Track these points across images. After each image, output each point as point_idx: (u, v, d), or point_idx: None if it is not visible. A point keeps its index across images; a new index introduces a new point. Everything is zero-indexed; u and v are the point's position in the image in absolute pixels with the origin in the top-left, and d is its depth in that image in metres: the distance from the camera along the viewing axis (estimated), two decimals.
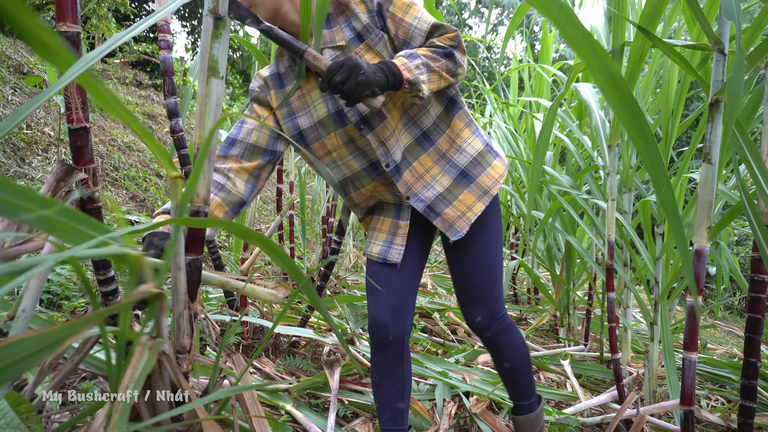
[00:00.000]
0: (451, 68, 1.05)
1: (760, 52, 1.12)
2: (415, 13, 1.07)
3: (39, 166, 2.86)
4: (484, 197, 1.16)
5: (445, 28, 1.07)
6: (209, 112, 0.83)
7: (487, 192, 1.16)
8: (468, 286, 1.21)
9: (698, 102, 6.85)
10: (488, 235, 1.19)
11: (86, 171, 0.96)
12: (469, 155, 1.16)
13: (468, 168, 1.16)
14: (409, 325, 1.22)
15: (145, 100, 5.75)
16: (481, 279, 1.20)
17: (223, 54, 0.83)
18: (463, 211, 1.15)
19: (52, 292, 1.92)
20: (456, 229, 1.16)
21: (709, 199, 1.15)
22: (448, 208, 1.16)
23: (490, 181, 1.17)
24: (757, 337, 1.24)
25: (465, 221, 1.15)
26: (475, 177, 1.16)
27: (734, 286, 5.24)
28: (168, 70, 1.60)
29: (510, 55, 9.92)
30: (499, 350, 1.26)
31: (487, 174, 1.17)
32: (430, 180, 1.17)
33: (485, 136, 1.23)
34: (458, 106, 1.19)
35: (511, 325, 1.26)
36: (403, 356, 1.22)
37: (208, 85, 0.82)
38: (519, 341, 1.26)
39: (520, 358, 1.27)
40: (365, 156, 1.17)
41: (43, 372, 1.08)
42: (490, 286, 1.20)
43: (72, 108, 0.91)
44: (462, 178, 1.16)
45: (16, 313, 0.81)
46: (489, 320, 1.22)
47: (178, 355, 1.00)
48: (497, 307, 1.22)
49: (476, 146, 1.18)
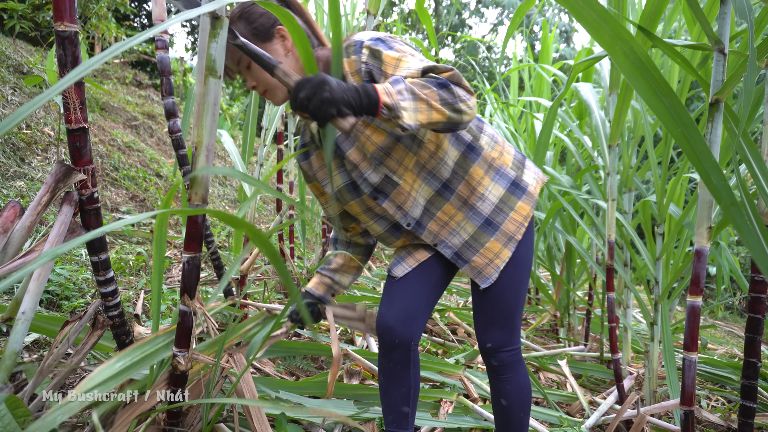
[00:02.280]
0: (447, 100, 0.93)
1: (760, 52, 1.11)
2: (405, 65, 0.99)
3: (39, 166, 2.86)
4: (510, 243, 1.15)
5: (438, 68, 0.96)
6: (207, 111, 0.83)
7: (512, 238, 1.15)
8: (485, 313, 1.21)
9: (698, 102, 6.86)
10: (515, 271, 1.17)
11: (85, 172, 0.96)
12: (491, 203, 1.15)
13: (491, 216, 1.15)
14: (416, 333, 1.22)
15: (144, 100, 5.75)
16: (500, 309, 1.19)
17: (221, 53, 0.83)
18: (491, 258, 1.16)
19: (52, 292, 1.92)
20: (485, 276, 1.16)
21: (710, 199, 1.15)
22: (476, 255, 1.16)
23: (513, 227, 1.15)
24: (758, 338, 1.23)
25: (494, 268, 1.16)
26: (500, 224, 1.15)
27: (734, 286, 5.24)
28: (165, 70, 1.60)
29: (510, 55, 9.92)
30: (501, 383, 1.22)
31: (510, 219, 1.15)
32: (455, 226, 1.18)
33: (511, 170, 1.17)
34: (477, 152, 1.15)
35: (521, 364, 1.23)
36: (409, 361, 1.23)
37: (206, 84, 0.82)
38: (524, 383, 1.22)
39: (520, 400, 1.22)
40: (386, 219, 1.22)
41: (43, 372, 1.08)
42: (510, 318, 1.19)
43: (70, 108, 0.91)
44: (486, 226, 1.15)
45: (15, 315, 0.81)
46: (499, 348, 1.20)
47: (177, 352, 0.99)
48: (512, 339, 1.20)
49: (498, 192, 1.15)
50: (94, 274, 1.13)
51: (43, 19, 4.67)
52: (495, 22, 16.75)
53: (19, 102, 3.26)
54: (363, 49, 1.05)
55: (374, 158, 1.12)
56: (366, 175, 1.14)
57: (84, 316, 1.14)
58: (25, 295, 0.86)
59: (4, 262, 0.85)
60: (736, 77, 1.07)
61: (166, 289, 2.37)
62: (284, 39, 1.10)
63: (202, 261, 1.55)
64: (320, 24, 2.77)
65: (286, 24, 0.86)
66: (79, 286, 2.06)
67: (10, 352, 0.77)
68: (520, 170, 1.19)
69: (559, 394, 1.99)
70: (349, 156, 1.15)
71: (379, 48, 1.03)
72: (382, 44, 1.04)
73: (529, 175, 1.20)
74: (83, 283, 2.10)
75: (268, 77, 1.08)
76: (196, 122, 0.84)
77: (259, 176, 2.13)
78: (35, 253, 0.90)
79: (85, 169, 0.96)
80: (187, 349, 1.00)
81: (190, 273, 0.96)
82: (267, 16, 1.08)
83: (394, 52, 1.02)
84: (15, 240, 0.86)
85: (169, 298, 2.26)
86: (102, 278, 1.13)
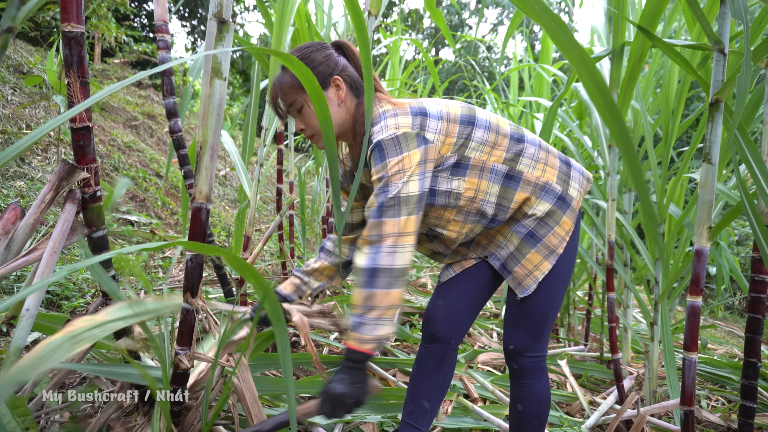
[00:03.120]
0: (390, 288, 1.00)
1: (760, 52, 1.12)
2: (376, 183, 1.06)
3: (39, 166, 2.86)
4: (550, 256, 1.16)
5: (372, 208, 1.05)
6: (212, 112, 0.83)
7: (553, 251, 1.16)
8: (516, 317, 1.22)
9: (698, 102, 6.86)
10: (553, 283, 1.18)
11: (88, 170, 0.96)
12: (536, 218, 1.16)
13: (535, 229, 1.16)
14: (458, 333, 1.27)
15: (144, 100, 5.75)
16: (532, 316, 1.20)
17: (226, 56, 0.84)
18: (531, 270, 1.17)
19: (52, 292, 1.92)
20: (524, 287, 1.17)
21: (710, 199, 1.15)
22: (517, 266, 1.18)
23: (556, 240, 1.16)
24: (758, 338, 1.24)
25: (532, 279, 1.17)
26: (542, 237, 1.16)
27: (734, 286, 5.24)
28: (167, 70, 1.60)
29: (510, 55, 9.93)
30: (519, 388, 1.23)
31: (554, 233, 1.16)
32: (502, 240, 1.21)
33: (557, 185, 1.16)
34: (517, 180, 1.15)
35: (543, 372, 1.23)
36: (445, 358, 1.28)
37: (212, 85, 0.82)
38: (543, 392, 1.23)
39: (537, 408, 1.22)
40: (434, 241, 1.26)
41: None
42: (539, 326, 1.20)
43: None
44: (529, 238, 1.16)
45: (19, 313, 0.81)
46: (522, 352, 1.21)
47: (179, 350, 1.00)
48: (536, 346, 1.21)
49: (544, 208, 1.15)
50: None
51: (43, 19, 4.67)
52: (495, 22, 16.76)
53: (18, 102, 3.26)
54: (375, 147, 1.07)
55: None
56: None
57: (85, 314, 1.14)
58: (29, 294, 0.86)
59: (8, 261, 0.86)
60: (736, 77, 1.08)
61: (167, 289, 2.37)
62: (339, 89, 1.14)
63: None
64: (320, 24, 2.77)
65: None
66: (79, 286, 2.06)
67: (14, 348, 0.78)
68: (565, 183, 1.18)
69: (559, 394, 1.99)
70: None
71: (372, 160, 1.07)
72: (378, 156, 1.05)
73: (574, 187, 1.20)
74: (83, 283, 2.10)
75: (317, 123, 1.12)
76: (201, 122, 0.84)
77: (259, 176, 2.13)
78: (37, 252, 0.90)
79: (89, 168, 0.97)
80: (189, 347, 1.00)
81: (193, 271, 0.97)
82: (326, 64, 1.12)
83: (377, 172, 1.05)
84: (18, 238, 0.87)
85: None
86: None
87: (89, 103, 0.60)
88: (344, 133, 1.19)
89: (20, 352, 0.79)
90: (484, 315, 3.20)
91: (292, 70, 0.90)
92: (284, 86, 1.12)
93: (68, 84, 0.88)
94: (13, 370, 0.56)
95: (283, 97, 1.13)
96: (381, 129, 1.06)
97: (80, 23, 0.87)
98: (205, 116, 0.83)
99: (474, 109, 1.16)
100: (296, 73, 0.90)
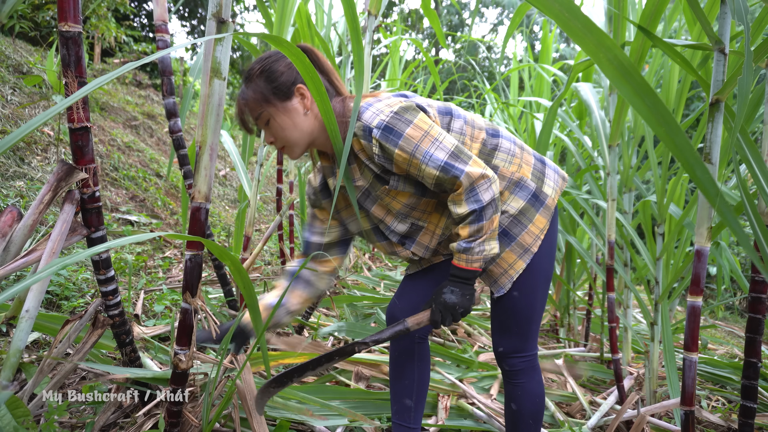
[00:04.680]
0: (495, 213, 1.05)
1: (760, 52, 1.12)
2: (415, 171, 1.06)
3: (38, 166, 2.86)
4: (525, 255, 1.15)
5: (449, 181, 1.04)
6: (212, 112, 0.83)
7: (527, 250, 1.15)
8: (499, 319, 1.22)
9: (699, 102, 6.86)
10: (531, 281, 1.18)
11: (87, 170, 0.96)
12: (509, 215, 1.15)
13: (509, 227, 1.15)
14: (422, 328, 1.26)
15: (144, 100, 5.74)
16: (514, 317, 1.19)
17: (226, 56, 0.84)
18: (505, 269, 1.16)
19: (52, 292, 1.92)
20: (500, 286, 1.17)
21: None
22: (492, 265, 1.17)
23: (530, 239, 1.15)
24: (758, 338, 1.23)
25: (507, 278, 1.16)
26: (516, 236, 1.15)
27: (735, 287, 5.24)
28: (166, 70, 1.60)
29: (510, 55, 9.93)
30: (512, 388, 1.23)
31: (528, 231, 1.15)
32: None
33: (531, 182, 1.17)
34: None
35: (535, 371, 1.23)
36: (413, 354, 1.29)
37: (211, 85, 0.82)
38: (536, 390, 1.23)
39: (531, 407, 1.22)
40: (410, 259, 1.29)
41: (43, 372, 1.08)
42: (524, 326, 1.19)
43: (73, 107, 0.91)
44: (503, 236, 1.15)
45: (19, 314, 0.81)
46: (511, 354, 1.21)
47: (178, 350, 1.00)
48: (526, 345, 1.21)
49: (518, 205, 1.15)
50: (94, 272, 1.13)
51: (43, 19, 4.67)
52: (495, 22, 16.76)
53: (18, 102, 3.26)
54: (373, 140, 1.05)
55: (400, 214, 1.17)
56: (393, 227, 1.20)
57: (84, 314, 1.14)
58: (29, 293, 0.86)
59: (7, 262, 0.86)
60: (736, 77, 1.08)
61: (166, 289, 2.37)
62: (303, 97, 1.11)
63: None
64: (320, 24, 2.77)
65: (309, 85, 0.94)
66: (78, 286, 2.06)
67: (15, 349, 0.77)
68: (540, 180, 1.18)
69: (559, 394, 1.99)
70: (373, 212, 1.20)
71: (389, 146, 1.04)
72: (392, 136, 1.04)
73: (548, 185, 1.19)
74: (83, 283, 2.10)
75: (287, 135, 1.11)
76: (201, 122, 0.84)
77: (259, 176, 2.13)
78: (36, 253, 0.90)
79: (87, 168, 0.96)
80: (188, 347, 1.00)
81: (192, 270, 0.96)
82: (287, 74, 1.09)
83: (404, 151, 1.04)
84: (17, 239, 0.86)
85: (168, 297, 2.26)
86: (103, 277, 1.13)
87: (76, 97, 0.60)
88: (315, 141, 1.16)
89: (20, 353, 0.79)
90: (485, 315, 3.20)
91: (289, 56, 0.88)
92: (249, 101, 1.08)
93: (66, 84, 0.87)
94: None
95: (250, 112, 1.09)
96: (374, 114, 1.05)
97: (77, 23, 0.86)
98: (204, 116, 0.83)
99: (451, 104, 1.18)
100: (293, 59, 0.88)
